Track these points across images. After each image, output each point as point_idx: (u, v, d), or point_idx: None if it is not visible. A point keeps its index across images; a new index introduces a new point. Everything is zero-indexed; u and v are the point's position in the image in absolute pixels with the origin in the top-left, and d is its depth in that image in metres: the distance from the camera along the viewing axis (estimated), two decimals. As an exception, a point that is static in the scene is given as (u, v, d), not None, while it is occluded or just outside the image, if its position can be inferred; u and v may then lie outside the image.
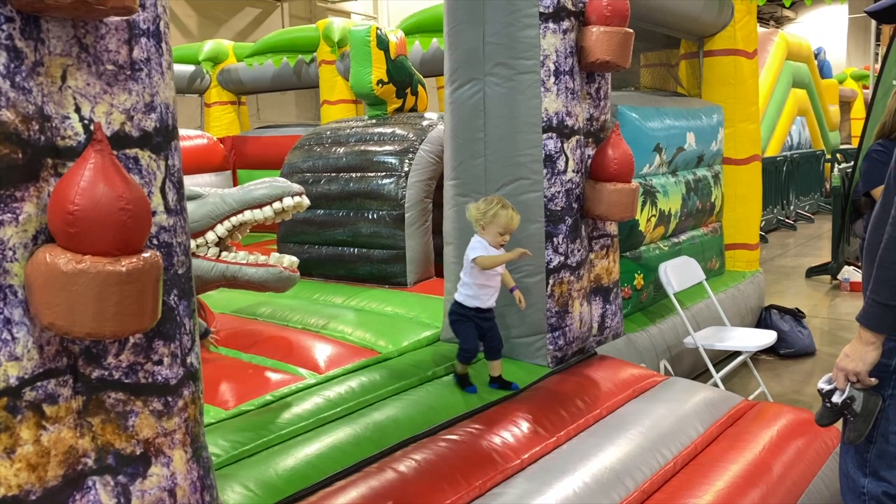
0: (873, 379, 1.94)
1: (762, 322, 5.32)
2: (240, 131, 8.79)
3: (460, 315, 3.10)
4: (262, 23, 13.64)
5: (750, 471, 2.58)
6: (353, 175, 4.80)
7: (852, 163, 7.66)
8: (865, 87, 16.81)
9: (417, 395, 2.91)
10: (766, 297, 5.65)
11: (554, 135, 3.26)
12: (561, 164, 3.29)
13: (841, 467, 2.12)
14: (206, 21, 12.51)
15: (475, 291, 3.05)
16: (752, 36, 5.30)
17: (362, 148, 4.88)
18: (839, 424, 2.07)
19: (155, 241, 1.72)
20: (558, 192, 3.30)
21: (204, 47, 8.70)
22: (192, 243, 3.36)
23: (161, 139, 1.73)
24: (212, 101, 8.87)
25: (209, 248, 3.72)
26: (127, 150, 1.66)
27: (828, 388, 2.00)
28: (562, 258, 3.33)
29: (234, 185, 7.81)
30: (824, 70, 14.14)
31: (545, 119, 3.25)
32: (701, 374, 4.30)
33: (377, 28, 5.25)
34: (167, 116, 1.75)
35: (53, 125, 1.55)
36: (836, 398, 1.97)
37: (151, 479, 1.74)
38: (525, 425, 2.74)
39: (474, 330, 3.08)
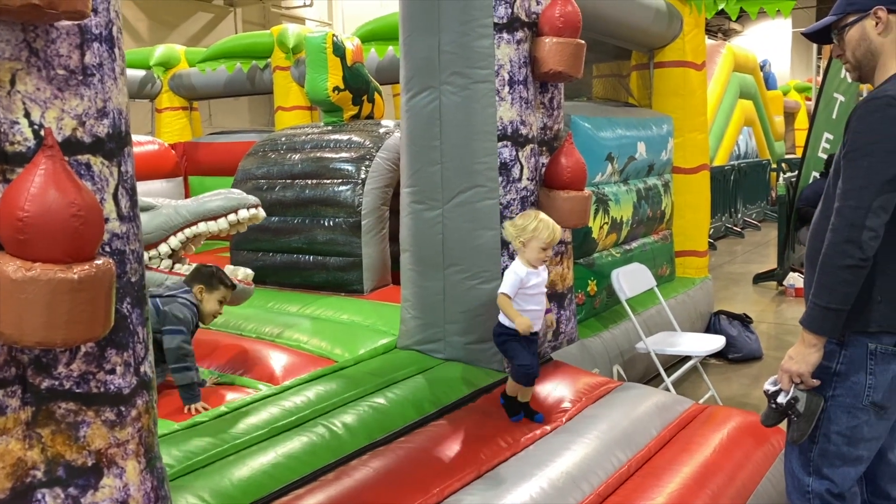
0: (816, 380, 2.01)
1: (711, 327, 5.45)
2: (191, 137, 8.67)
3: (506, 335, 2.93)
4: (214, 28, 13.48)
5: (701, 473, 2.64)
6: (309, 182, 4.78)
7: (797, 172, 7.90)
8: (808, 99, 17.35)
9: (374, 402, 2.90)
10: (714, 303, 5.79)
11: (509, 143, 3.30)
12: (516, 171, 3.32)
13: (786, 467, 2.19)
14: (157, 25, 12.31)
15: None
16: (701, 48, 5.44)
17: (318, 155, 4.86)
18: (785, 426, 2.14)
19: (107, 249, 1.69)
20: (513, 200, 3.33)
21: (155, 52, 8.57)
22: (145, 255, 3.32)
23: (114, 145, 1.71)
24: (163, 106, 8.73)
25: (162, 260, 3.68)
26: (79, 156, 1.63)
27: (773, 389, 2.07)
28: (517, 265, 3.37)
29: (186, 192, 7.69)
30: (769, 82, 14.56)
31: (500, 127, 3.28)
32: (653, 379, 4.38)
33: (333, 35, 5.24)
34: (120, 122, 1.73)
35: (2, 130, 1.51)
36: (781, 399, 2.04)
37: (104, 491, 1.70)
38: (481, 432, 2.75)
39: (526, 347, 2.92)
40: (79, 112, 1.63)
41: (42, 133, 1.56)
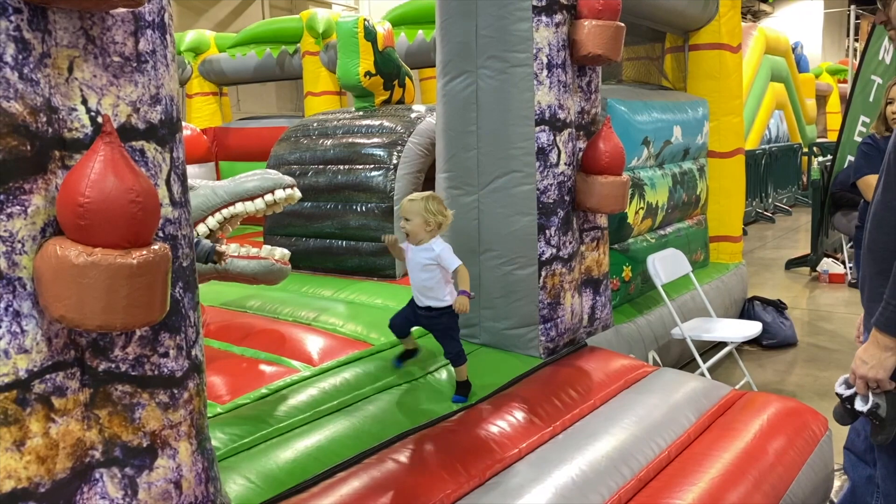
0: (893, 383, 1.88)
1: (745, 313, 5.40)
2: (221, 122, 8.72)
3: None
4: (241, 13, 13.51)
5: (742, 458, 2.63)
6: (341, 167, 4.79)
7: (830, 156, 7.77)
8: (841, 82, 17.02)
9: (413, 387, 2.92)
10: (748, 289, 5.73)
11: (546, 128, 3.28)
12: (553, 156, 3.31)
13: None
14: (185, 11, 12.36)
15: None
16: (737, 30, 5.36)
17: (350, 140, 4.87)
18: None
19: (161, 234, 1.71)
20: (551, 185, 3.32)
21: (185, 37, 8.62)
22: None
23: (166, 131, 1.73)
24: (193, 91, 8.79)
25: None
26: (133, 143, 1.65)
27: (847, 393, 1.95)
28: (554, 250, 3.36)
29: (217, 176, 7.74)
30: (801, 64, 14.29)
31: (538, 112, 3.26)
32: (687, 364, 4.36)
33: (365, 19, 5.23)
34: (172, 109, 1.74)
35: (61, 117, 1.54)
36: (860, 406, 1.91)
37: (158, 472, 1.74)
38: (521, 415, 2.76)
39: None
40: (133, 99, 1.64)
41: (98, 119, 1.58)
